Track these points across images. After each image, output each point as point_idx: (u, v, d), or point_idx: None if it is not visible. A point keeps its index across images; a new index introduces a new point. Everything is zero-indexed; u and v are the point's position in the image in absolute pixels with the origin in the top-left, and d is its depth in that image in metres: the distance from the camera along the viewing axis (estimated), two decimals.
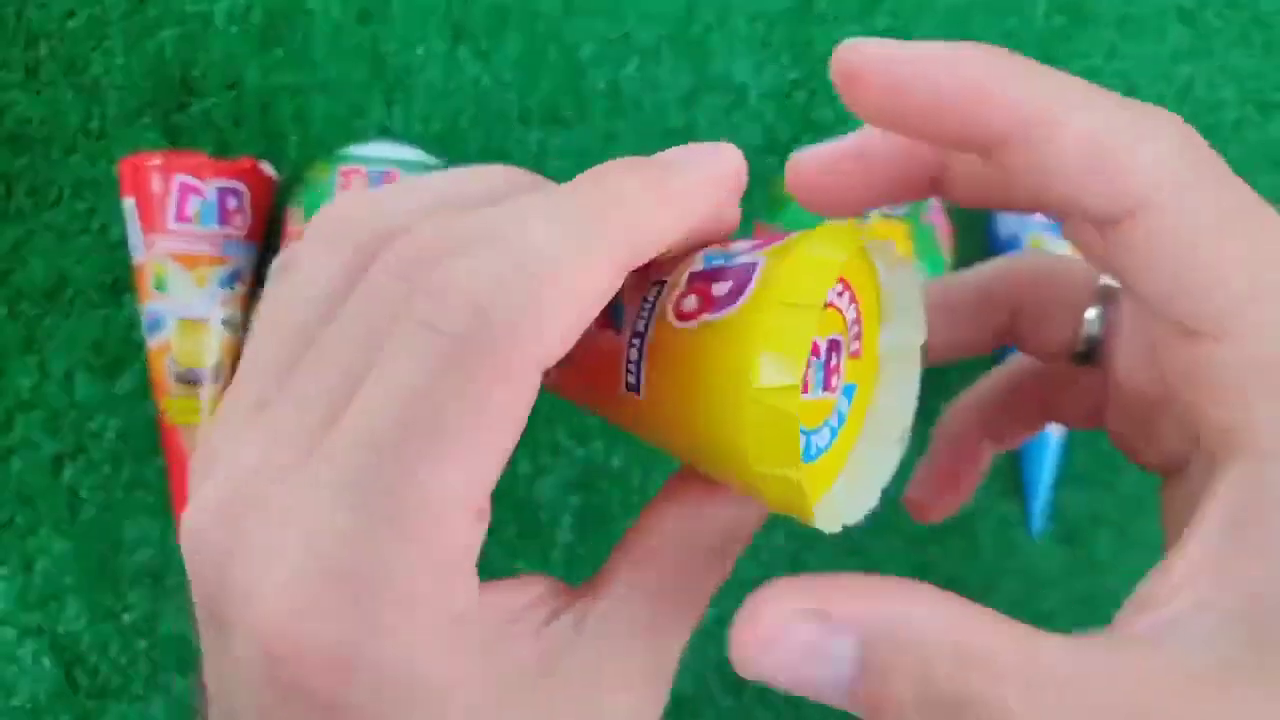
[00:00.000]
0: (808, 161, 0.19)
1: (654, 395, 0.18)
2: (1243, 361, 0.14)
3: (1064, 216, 0.17)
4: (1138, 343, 0.20)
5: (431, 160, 0.42)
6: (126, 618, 0.45)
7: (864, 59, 0.15)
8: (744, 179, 0.17)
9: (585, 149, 0.47)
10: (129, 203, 0.42)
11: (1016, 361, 0.24)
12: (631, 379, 0.18)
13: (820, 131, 0.47)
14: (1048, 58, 0.48)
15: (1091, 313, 0.20)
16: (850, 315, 0.18)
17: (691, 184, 0.16)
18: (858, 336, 0.19)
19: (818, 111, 0.47)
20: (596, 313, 0.15)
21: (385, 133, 0.47)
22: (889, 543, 0.46)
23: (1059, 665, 0.14)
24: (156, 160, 0.41)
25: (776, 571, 0.49)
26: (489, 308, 0.14)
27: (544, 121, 0.47)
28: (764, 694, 0.45)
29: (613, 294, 0.15)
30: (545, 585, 0.18)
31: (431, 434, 0.14)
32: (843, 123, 0.47)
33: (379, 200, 0.17)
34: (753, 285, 0.16)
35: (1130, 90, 0.47)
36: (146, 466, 0.45)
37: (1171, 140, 0.14)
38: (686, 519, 0.18)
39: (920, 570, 0.46)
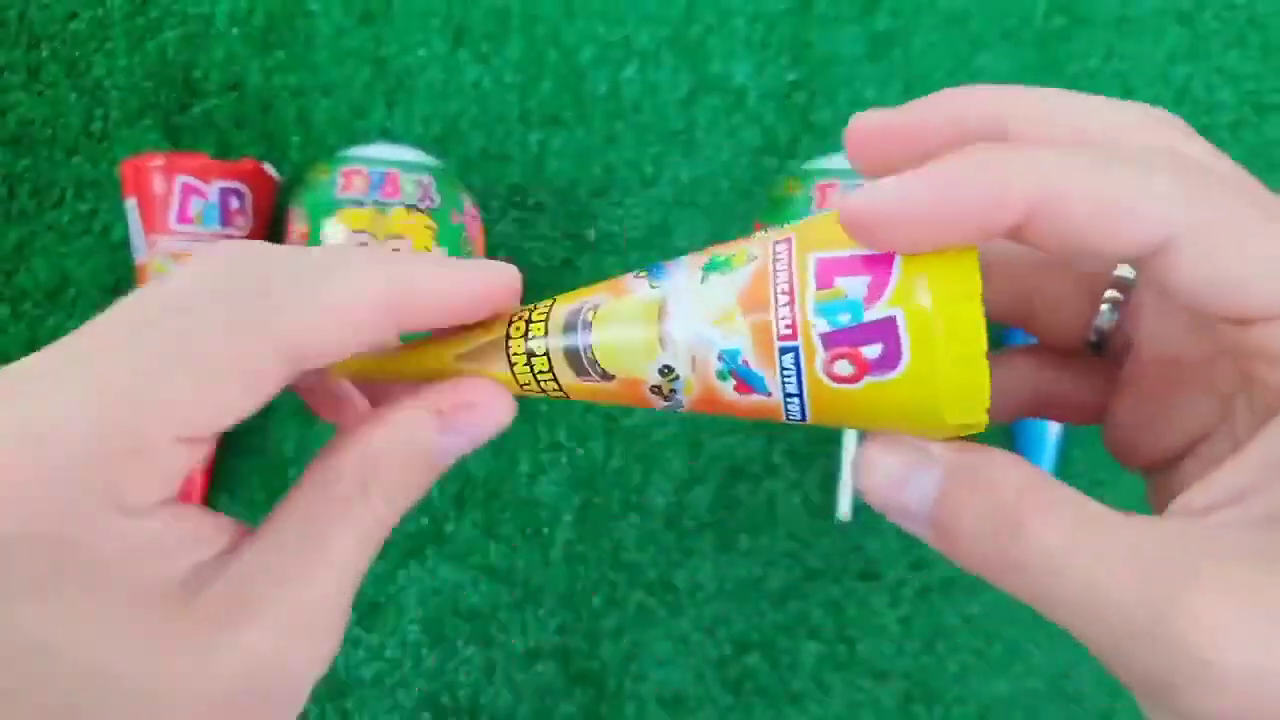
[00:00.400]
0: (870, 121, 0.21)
1: (822, 421, 0.20)
2: None
3: (1100, 266, 0.20)
4: (1165, 328, 0.21)
5: (432, 161, 0.42)
6: None
7: (877, 208, 0.17)
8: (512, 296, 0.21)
9: (585, 150, 0.47)
10: (131, 203, 0.42)
11: (1017, 349, 0.24)
12: (796, 418, 0.20)
13: (819, 133, 0.47)
14: (1046, 58, 0.48)
15: (1106, 305, 0.22)
16: None
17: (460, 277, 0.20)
18: None
19: (817, 113, 0.47)
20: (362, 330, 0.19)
21: (386, 134, 0.47)
22: (889, 541, 0.46)
23: (1109, 516, 0.16)
24: (159, 161, 0.41)
25: (777, 570, 0.49)
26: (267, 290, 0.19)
27: (544, 123, 0.47)
28: (764, 692, 0.46)
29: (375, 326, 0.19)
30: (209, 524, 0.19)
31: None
32: (842, 124, 0.47)
33: None
34: (905, 346, 0.18)
35: (1127, 92, 0.47)
36: None
37: (1174, 181, 0.16)
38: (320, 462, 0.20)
39: (919, 568, 0.46)
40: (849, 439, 0.45)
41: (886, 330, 0.18)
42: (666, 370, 0.20)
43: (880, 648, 0.46)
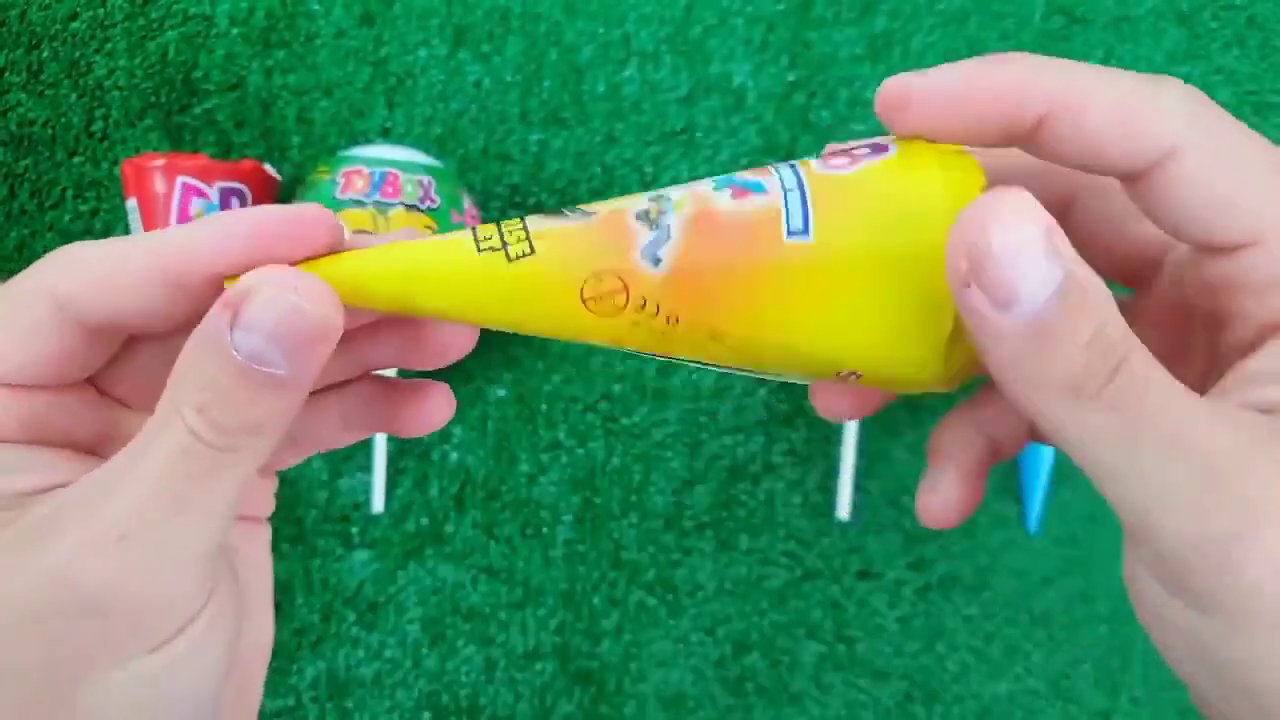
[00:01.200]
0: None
1: (828, 234, 0.18)
2: (1272, 258, 0.17)
3: (1104, 173, 0.19)
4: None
5: (433, 162, 0.42)
6: None
7: (911, 86, 0.19)
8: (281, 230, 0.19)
9: (585, 150, 0.47)
10: (132, 204, 0.42)
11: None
12: (798, 223, 0.18)
13: (819, 133, 0.47)
14: None
15: None
16: None
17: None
18: None
19: (816, 113, 0.47)
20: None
21: (387, 134, 0.47)
22: (888, 541, 0.46)
23: (1195, 397, 0.16)
24: (159, 161, 0.41)
25: (780, 573, 0.49)
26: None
27: (544, 123, 0.47)
28: (763, 691, 0.46)
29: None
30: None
31: None
32: (840, 125, 0.47)
33: None
34: (894, 146, 0.19)
35: None
36: None
37: (1182, 97, 0.17)
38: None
39: (918, 568, 0.46)
40: (849, 436, 0.45)
41: (878, 143, 0.19)
42: (655, 197, 0.19)
43: (880, 648, 0.46)
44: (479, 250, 0.18)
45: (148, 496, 0.17)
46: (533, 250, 0.18)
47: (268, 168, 0.44)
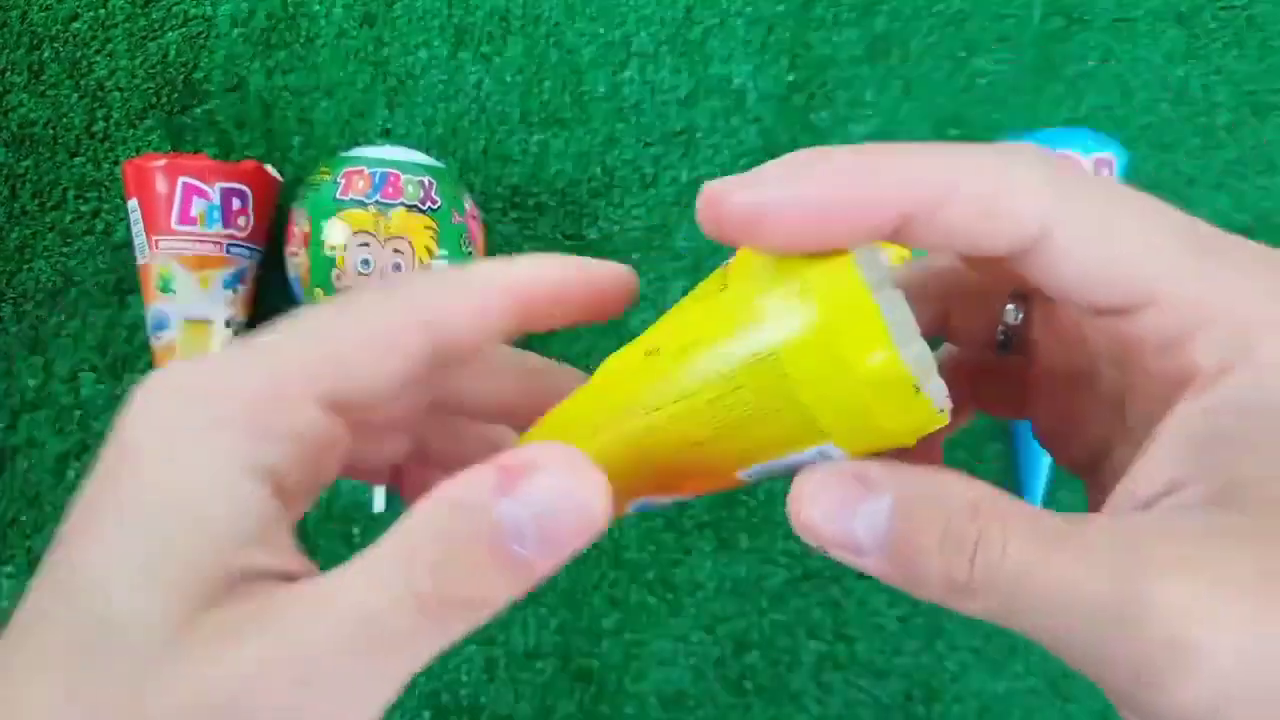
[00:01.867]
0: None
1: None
2: (1176, 318, 0.16)
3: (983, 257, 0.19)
4: (1056, 331, 0.21)
5: (433, 163, 0.42)
6: None
7: (765, 205, 0.17)
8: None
9: (586, 151, 0.47)
10: (133, 204, 0.42)
11: (944, 349, 0.24)
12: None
13: (818, 133, 0.47)
14: (1044, 60, 0.49)
15: (1010, 307, 0.22)
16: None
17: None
18: None
19: (816, 114, 0.47)
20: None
21: (388, 135, 0.47)
22: None
23: (1065, 521, 0.16)
24: (161, 162, 0.41)
25: (780, 572, 0.49)
26: None
27: (545, 124, 0.47)
28: (763, 690, 0.46)
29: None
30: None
31: None
32: (840, 126, 0.47)
33: None
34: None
35: (1126, 92, 0.47)
36: None
37: (1042, 172, 0.17)
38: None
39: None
40: None
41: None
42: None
43: (880, 647, 0.46)
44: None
45: (338, 640, 0.16)
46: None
47: (269, 168, 0.44)
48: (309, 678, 0.16)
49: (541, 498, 0.16)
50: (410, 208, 0.40)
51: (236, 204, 0.42)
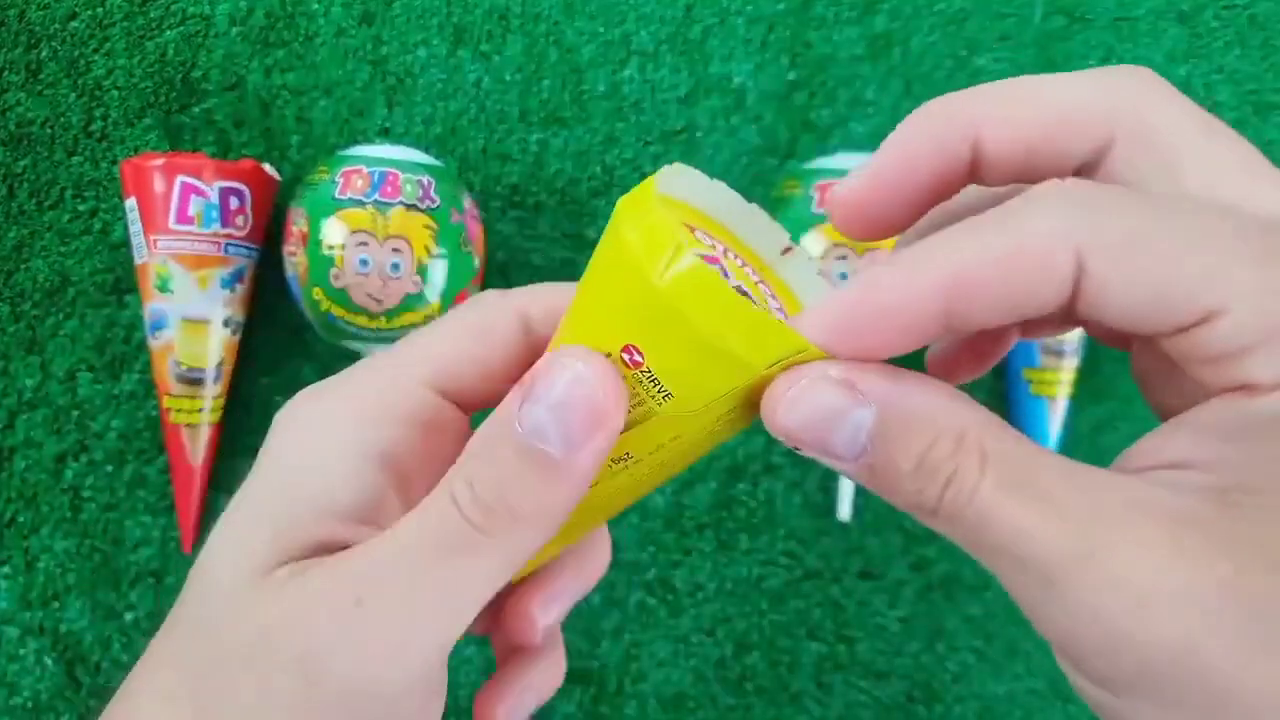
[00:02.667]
0: (846, 196, 0.19)
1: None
2: (1235, 333, 0.15)
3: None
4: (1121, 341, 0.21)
5: (432, 162, 0.42)
6: (128, 616, 0.45)
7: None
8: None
9: (585, 150, 0.47)
10: (131, 203, 0.42)
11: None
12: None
13: (819, 133, 0.47)
14: (1045, 59, 0.49)
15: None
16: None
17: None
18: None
19: (816, 112, 0.47)
20: None
21: (386, 134, 0.47)
22: (889, 541, 0.46)
23: (1046, 465, 0.16)
24: (159, 161, 0.41)
25: (780, 572, 0.49)
26: None
27: (544, 123, 0.47)
28: (763, 691, 0.46)
29: None
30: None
31: None
32: (840, 125, 0.47)
33: None
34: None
35: None
36: (149, 466, 0.45)
37: (1061, 211, 0.16)
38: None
39: (919, 568, 0.46)
40: None
41: None
42: None
43: (880, 648, 0.46)
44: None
45: (392, 563, 0.17)
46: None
47: (267, 167, 0.44)
48: (364, 597, 0.17)
49: (553, 392, 0.17)
50: (409, 207, 0.40)
51: (234, 203, 0.42)
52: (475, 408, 0.20)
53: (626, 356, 0.17)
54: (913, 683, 0.46)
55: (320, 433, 0.19)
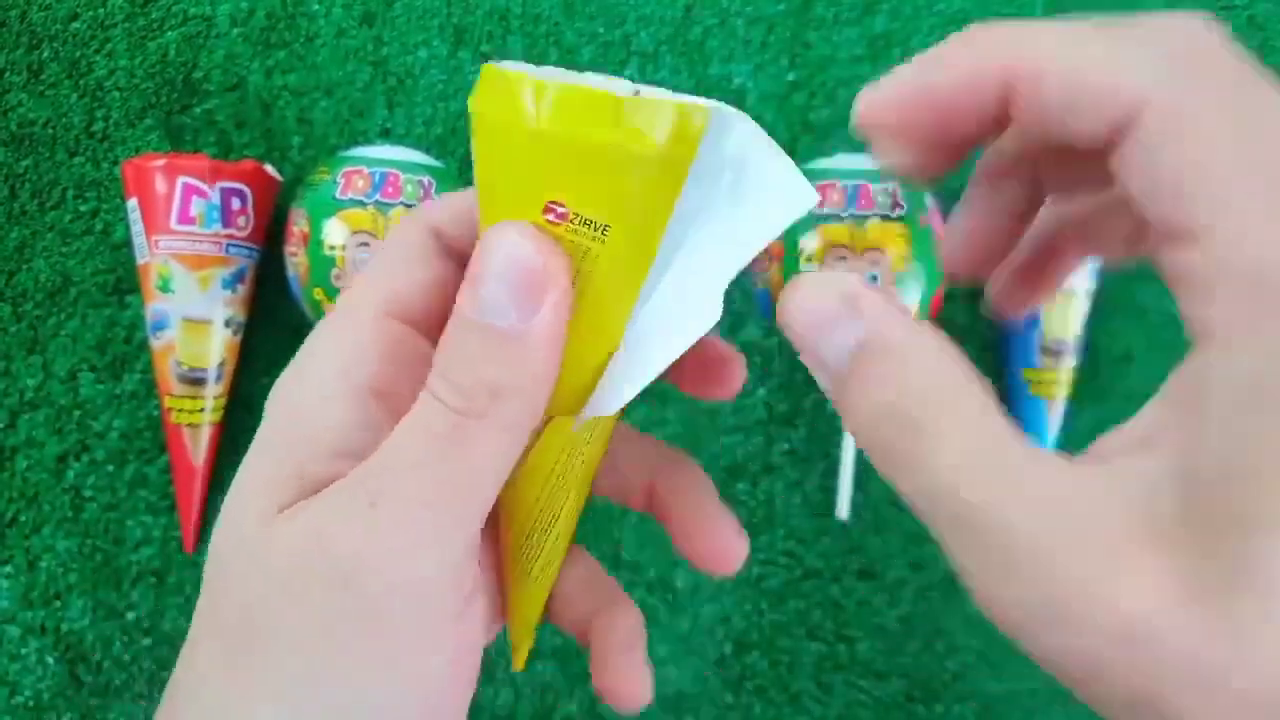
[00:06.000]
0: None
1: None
2: (1210, 265, 0.15)
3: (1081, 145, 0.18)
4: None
5: (433, 163, 0.42)
6: (130, 616, 0.45)
7: (873, 105, 0.19)
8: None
9: None
10: (132, 204, 0.42)
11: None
12: None
13: (819, 133, 0.47)
14: None
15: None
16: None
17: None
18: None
19: (816, 113, 0.47)
20: None
21: (387, 135, 0.47)
22: (888, 541, 0.46)
23: (1012, 445, 0.16)
24: (160, 162, 0.41)
25: (780, 572, 0.49)
26: None
27: None
28: (763, 691, 0.46)
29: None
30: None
31: None
32: (840, 125, 0.47)
33: None
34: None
35: None
36: (150, 466, 0.46)
37: (1152, 62, 0.15)
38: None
39: (918, 568, 0.46)
40: (849, 437, 0.45)
41: None
42: None
43: (880, 647, 0.46)
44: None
45: (396, 463, 0.18)
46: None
47: (268, 168, 0.44)
48: (376, 499, 0.17)
49: (492, 268, 0.17)
50: (410, 207, 0.40)
51: (236, 204, 0.42)
52: (436, 330, 0.20)
53: (550, 216, 0.18)
54: (913, 682, 0.46)
55: (306, 387, 0.19)
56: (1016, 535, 0.15)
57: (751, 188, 0.18)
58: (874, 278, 0.39)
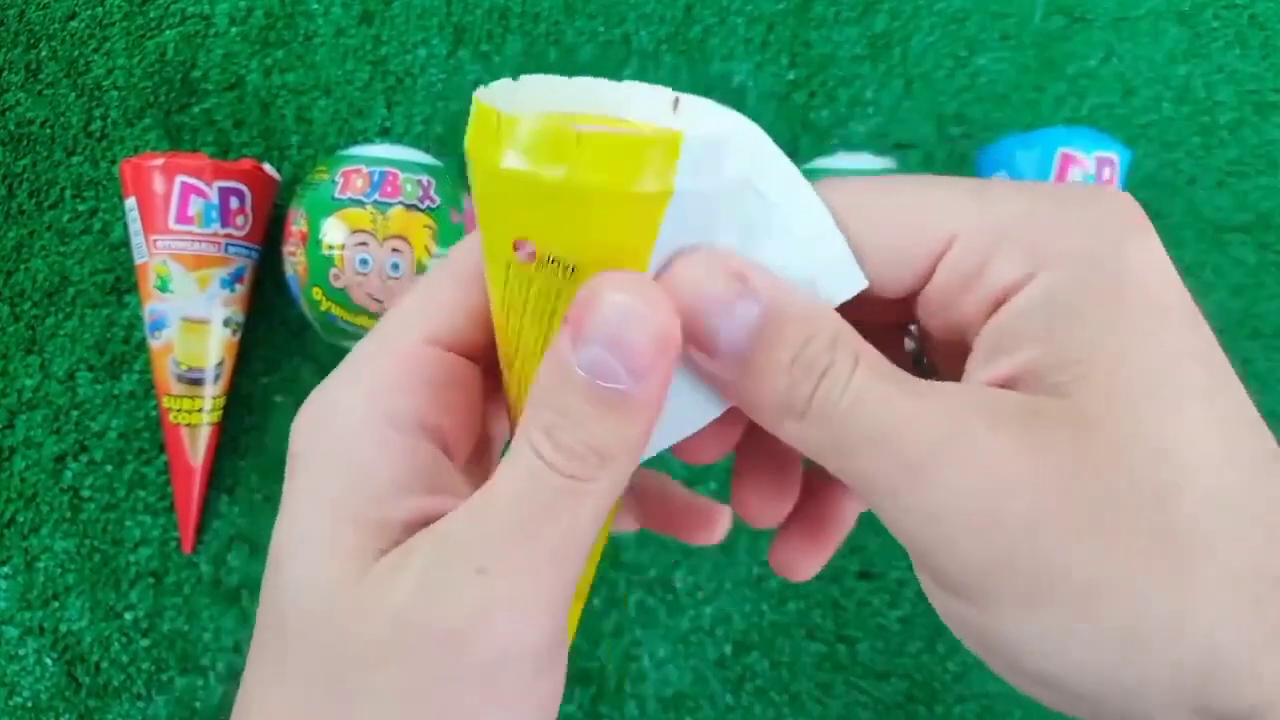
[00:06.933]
0: None
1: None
2: (971, 250, 0.17)
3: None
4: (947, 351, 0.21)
5: (432, 162, 0.42)
6: (128, 616, 0.45)
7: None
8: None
9: None
10: (131, 203, 0.42)
11: None
12: None
13: (819, 133, 0.47)
14: (1045, 59, 0.48)
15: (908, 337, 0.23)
16: None
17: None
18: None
19: (816, 112, 0.47)
20: None
21: (386, 134, 0.47)
22: (889, 541, 0.46)
23: (909, 376, 0.17)
24: (158, 161, 0.41)
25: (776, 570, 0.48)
26: None
27: None
28: (763, 691, 0.46)
29: None
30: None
31: None
32: (840, 125, 0.47)
33: None
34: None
35: (1128, 91, 0.47)
36: (148, 466, 0.45)
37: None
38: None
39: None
40: None
41: None
42: None
43: (880, 648, 0.46)
44: None
45: (503, 528, 0.17)
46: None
47: (267, 167, 0.44)
48: (485, 565, 0.16)
49: (605, 327, 0.16)
50: (409, 206, 0.40)
51: (234, 203, 0.42)
52: (482, 357, 0.20)
53: (521, 254, 0.17)
54: (913, 683, 0.46)
55: (346, 418, 0.18)
56: (931, 443, 0.16)
57: (777, 215, 0.18)
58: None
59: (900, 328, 0.22)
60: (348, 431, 0.18)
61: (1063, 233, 0.17)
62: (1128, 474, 0.15)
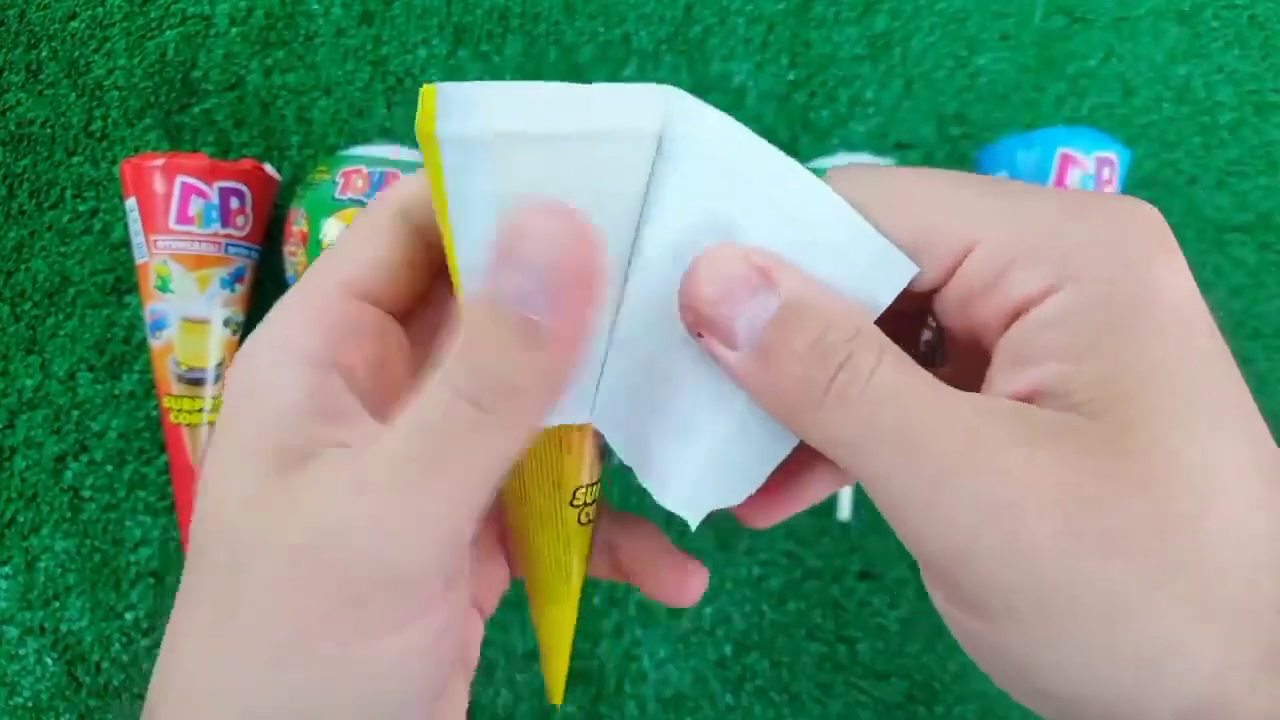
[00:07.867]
0: None
1: None
2: (994, 257, 0.17)
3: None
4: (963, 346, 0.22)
5: None
6: (129, 616, 0.45)
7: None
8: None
9: None
10: (131, 203, 0.42)
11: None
12: None
13: (819, 133, 0.47)
14: (1045, 59, 0.48)
15: (926, 333, 0.23)
16: None
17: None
18: None
19: (816, 112, 0.47)
20: None
21: (386, 134, 0.47)
22: (889, 541, 0.46)
23: (928, 374, 0.17)
24: (159, 161, 0.41)
25: (776, 570, 0.49)
26: None
27: None
28: (763, 692, 0.46)
29: None
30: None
31: None
32: (840, 125, 0.47)
33: None
34: None
35: (1128, 91, 0.47)
36: (149, 466, 0.45)
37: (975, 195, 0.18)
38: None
39: (918, 568, 0.46)
40: None
41: None
42: None
43: (880, 648, 0.46)
44: None
45: (395, 450, 0.17)
46: None
47: (267, 167, 0.44)
48: (371, 481, 0.17)
49: (531, 255, 0.16)
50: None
51: (235, 203, 0.42)
52: (402, 309, 0.20)
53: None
54: (913, 683, 0.46)
55: (263, 359, 0.19)
56: (959, 447, 0.16)
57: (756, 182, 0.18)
58: None
59: (917, 320, 0.22)
60: (258, 369, 0.19)
61: (1092, 248, 0.16)
62: (1157, 499, 0.15)
